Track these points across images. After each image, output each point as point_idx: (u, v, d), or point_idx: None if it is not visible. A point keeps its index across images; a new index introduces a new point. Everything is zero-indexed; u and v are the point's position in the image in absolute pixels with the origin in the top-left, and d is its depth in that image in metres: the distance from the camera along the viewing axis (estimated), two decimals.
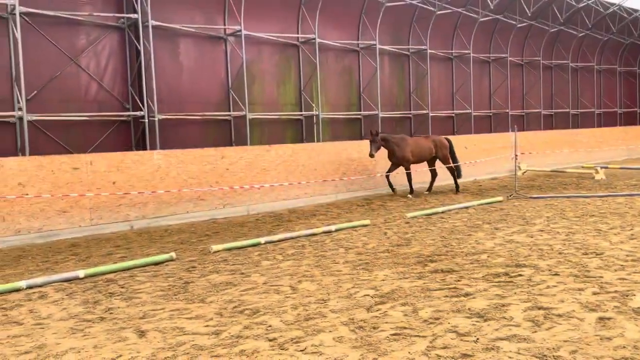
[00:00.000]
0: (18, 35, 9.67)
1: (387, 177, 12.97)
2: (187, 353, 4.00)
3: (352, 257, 6.99)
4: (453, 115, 19.77)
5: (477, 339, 3.96)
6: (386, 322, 4.42)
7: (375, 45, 16.38)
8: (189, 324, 4.67)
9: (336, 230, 8.87)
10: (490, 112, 21.33)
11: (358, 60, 16.57)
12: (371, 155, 12.25)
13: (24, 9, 9.86)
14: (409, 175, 12.98)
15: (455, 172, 13.68)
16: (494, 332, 4.08)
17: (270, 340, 4.16)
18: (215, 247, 7.72)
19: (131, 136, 11.82)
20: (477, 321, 4.33)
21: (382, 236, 8.31)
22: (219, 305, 5.17)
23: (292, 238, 8.39)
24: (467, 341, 3.93)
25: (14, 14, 9.69)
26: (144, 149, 11.51)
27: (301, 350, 3.92)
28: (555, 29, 22.87)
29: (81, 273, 6.43)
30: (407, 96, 18.25)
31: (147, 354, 4.02)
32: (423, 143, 13.25)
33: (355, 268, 6.37)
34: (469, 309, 4.64)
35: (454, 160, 13.59)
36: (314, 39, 14.69)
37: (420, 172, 13.76)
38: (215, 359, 3.86)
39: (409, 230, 8.72)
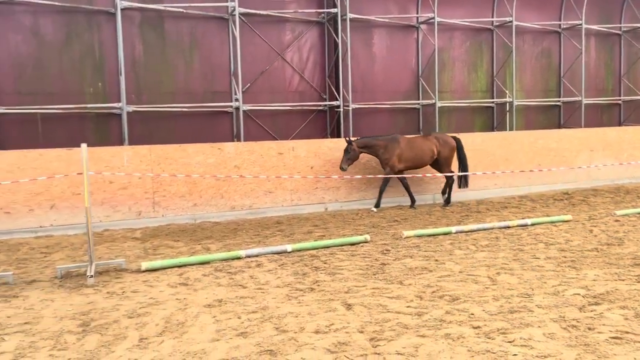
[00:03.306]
0: (237, 34, 10.94)
1: (405, 187, 10.51)
2: (393, 330, 4.21)
3: (555, 253, 6.58)
4: None
5: None
6: (603, 324, 4.11)
7: (580, 25, 14.91)
8: (391, 302, 4.89)
9: (533, 225, 8.40)
10: None
11: (559, 42, 15.27)
12: (341, 168, 10.05)
13: (242, 10, 11.11)
14: (384, 183, 10.39)
15: (461, 180, 10.85)
16: None
17: (474, 328, 4.17)
18: (406, 233, 7.88)
19: (326, 124, 12.58)
20: None
21: (588, 234, 7.65)
22: (418, 288, 5.31)
23: (484, 229, 8.18)
24: None
25: (234, 15, 10.98)
26: (338, 136, 12.17)
27: (509, 342, 3.86)
28: None
29: (289, 247, 7.11)
30: (616, 81, 16.29)
31: (357, 325, 4.33)
32: (420, 144, 10.58)
33: (559, 265, 6.00)
34: None
35: (463, 164, 10.86)
36: (511, 21, 13.92)
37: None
38: (421, 339, 4.00)
39: (620, 229, 7.88)
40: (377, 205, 10.49)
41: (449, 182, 10.90)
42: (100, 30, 10.44)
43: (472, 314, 4.48)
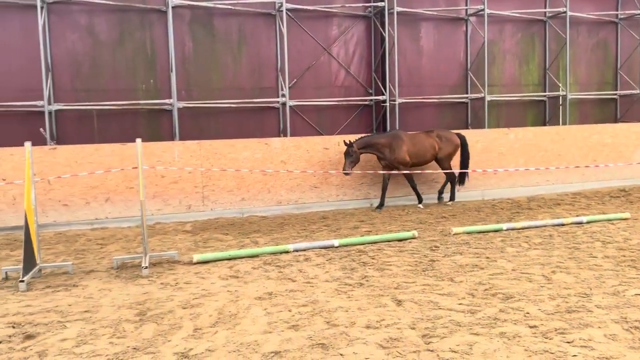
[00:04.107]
0: (284, 30, 11.00)
1: (384, 188, 10.20)
2: (446, 327, 4.14)
3: (613, 252, 6.32)
4: None
5: None
6: None
7: (639, 15, 14.23)
8: (442, 299, 4.82)
9: (588, 222, 8.11)
10: None
11: (616, 32, 14.62)
12: (345, 173, 9.64)
13: (290, 6, 11.16)
14: (409, 179, 10.25)
15: (457, 178, 10.56)
16: None
17: (530, 327, 4.05)
18: (455, 230, 7.76)
19: (372, 119, 12.50)
20: None
21: None
22: (469, 285, 5.21)
23: (536, 227, 7.95)
24: None
25: (281, 11, 11.04)
26: (384, 131, 12.06)
27: (568, 342, 3.74)
28: None
29: (336, 242, 7.12)
30: None
31: (408, 322, 4.29)
32: (423, 140, 10.31)
33: (619, 264, 5.76)
34: None
35: (465, 163, 10.46)
36: (564, 12, 13.43)
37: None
38: (475, 337, 3.92)
39: None
40: (420, 201, 10.42)
41: (450, 179, 10.59)
42: (152, 29, 10.71)
43: (528, 313, 4.36)
